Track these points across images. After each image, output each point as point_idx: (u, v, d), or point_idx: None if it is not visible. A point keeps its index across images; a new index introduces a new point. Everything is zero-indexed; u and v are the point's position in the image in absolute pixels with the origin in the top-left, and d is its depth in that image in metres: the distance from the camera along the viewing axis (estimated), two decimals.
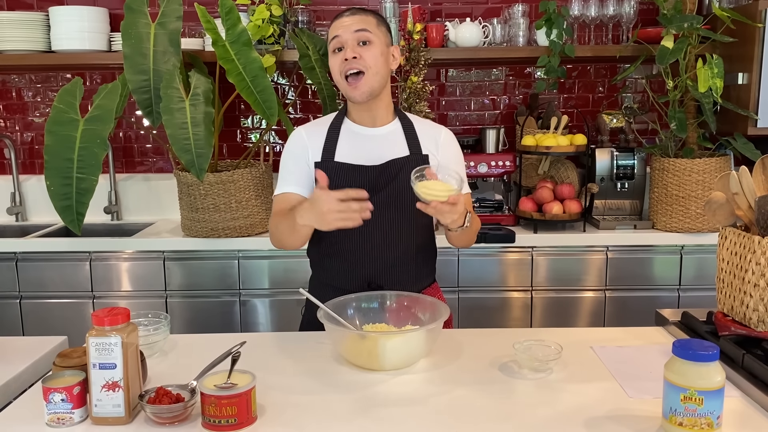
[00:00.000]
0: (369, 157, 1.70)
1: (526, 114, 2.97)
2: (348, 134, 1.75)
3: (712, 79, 2.43)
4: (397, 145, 1.73)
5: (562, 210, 2.69)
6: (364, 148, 1.72)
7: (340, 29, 1.66)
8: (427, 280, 1.79)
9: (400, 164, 1.69)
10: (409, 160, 1.70)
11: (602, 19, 2.86)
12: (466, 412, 1.20)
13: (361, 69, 1.64)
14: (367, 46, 1.65)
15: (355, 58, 1.63)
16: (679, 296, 2.68)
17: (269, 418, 1.19)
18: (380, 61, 1.66)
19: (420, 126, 1.78)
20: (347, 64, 1.64)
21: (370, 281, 1.69)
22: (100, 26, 2.85)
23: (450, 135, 1.80)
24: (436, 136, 1.77)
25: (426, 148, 1.74)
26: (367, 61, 1.64)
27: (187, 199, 2.64)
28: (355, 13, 1.68)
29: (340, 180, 1.68)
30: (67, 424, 1.17)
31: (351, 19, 1.66)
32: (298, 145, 1.76)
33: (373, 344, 1.36)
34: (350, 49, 1.64)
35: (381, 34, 1.68)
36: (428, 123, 1.81)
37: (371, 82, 1.65)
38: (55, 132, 2.38)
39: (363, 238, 1.67)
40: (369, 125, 1.74)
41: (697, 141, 2.67)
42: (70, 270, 2.67)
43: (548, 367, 1.37)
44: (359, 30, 1.64)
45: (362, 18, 1.67)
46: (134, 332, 1.20)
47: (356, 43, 1.64)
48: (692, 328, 1.54)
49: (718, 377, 1.06)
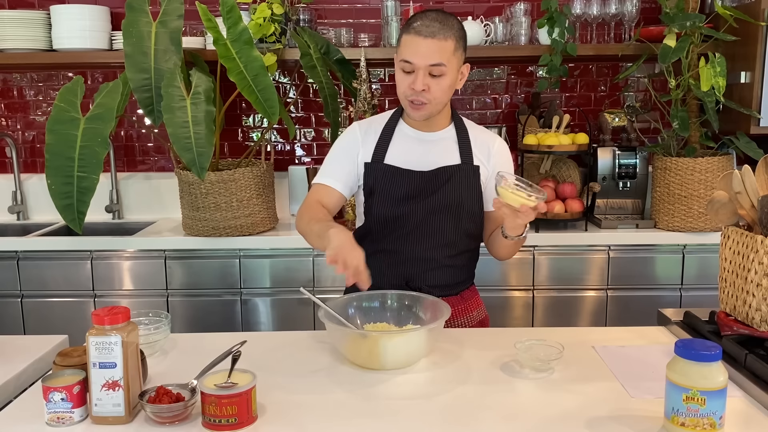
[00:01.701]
0: (420, 162, 1.69)
1: (527, 113, 2.97)
2: (401, 137, 1.73)
3: (714, 77, 2.42)
4: (449, 152, 1.71)
5: (564, 209, 2.68)
6: (416, 153, 1.71)
7: (416, 56, 1.56)
8: (466, 283, 1.79)
9: (450, 172, 1.68)
10: (460, 169, 1.69)
11: (604, 18, 2.85)
12: (468, 412, 1.20)
13: (427, 102, 1.60)
14: (439, 79, 1.58)
15: (424, 91, 1.58)
16: (681, 296, 2.67)
17: (270, 417, 1.18)
18: (447, 93, 1.62)
19: (474, 133, 1.75)
20: (414, 93, 1.59)
21: (408, 280, 1.69)
22: (101, 25, 2.84)
23: (503, 145, 1.77)
24: (489, 144, 1.74)
25: (477, 157, 1.72)
26: (435, 95, 1.59)
27: (188, 198, 2.64)
28: (434, 33, 1.55)
29: (388, 182, 1.68)
30: (67, 423, 1.16)
31: (428, 46, 1.55)
32: (351, 141, 1.75)
33: (374, 343, 1.36)
34: (420, 81, 1.57)
35: (456, 60, 1.60)
36: (483, 130, 1.78)
37: (431, 111, 1.64)
38: (57, 131, 2.37)
39: (408, 240, 1.68)
40: (424, 129, 1.72)
41: (699, 140, 2.66)
42: (72, 269, 2.66)
43: (550, 366, 1.37)
44: (435, 64, 1.55)
45: (441, 45, 1.55)
46: (134, 331, 1.20)
47: (428, 73, 1.57)
48: (694, 327, 1.53)
49: (720, 377, 1.06)
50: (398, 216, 1.68)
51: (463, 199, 1.68)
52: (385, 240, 1.70)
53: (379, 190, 1.69)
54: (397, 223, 1.68)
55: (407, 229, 1.68)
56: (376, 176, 1.69)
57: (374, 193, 1.70)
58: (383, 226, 1.70)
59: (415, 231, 1.68)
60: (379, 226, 1.71)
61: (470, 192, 1.69)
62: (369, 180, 1.70)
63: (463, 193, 1.68)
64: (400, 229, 1.68)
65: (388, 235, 1.70)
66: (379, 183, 1.69)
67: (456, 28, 1.59)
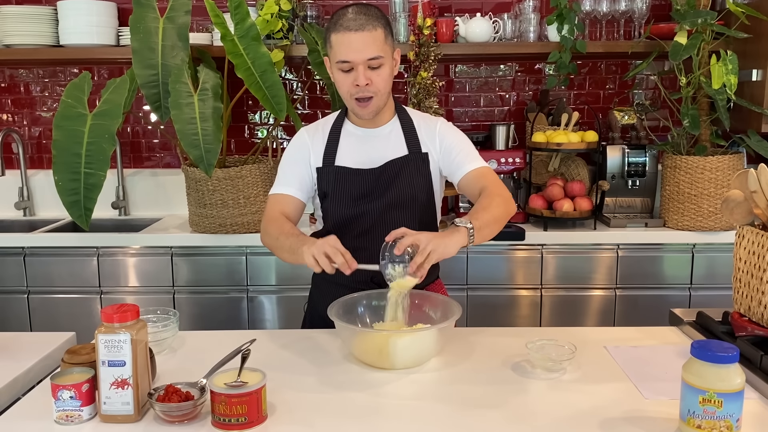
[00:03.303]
0: (369, 160, 1.69)
1: (536, 110, 2.95)
2: (348, 137, 1.73)
3: (726, 75, 2.40)
4: (396, 145, 1.71)
5: (573, 207, 2.66)
6: (364, 151, 1.70)
7: (351, 52, 1.56)
8: (430, 277, 1.76)
9: (399, 165, 1.68)
10: (409, 159, 1.69)
11: (614, 15, 2.83)
12: (479, 412, 1.18)
13: (372, 95, 1.61)
14: (378, 70, 1.59)
15: (367, 85, 1.58)
16: (690, 295, 2.65)
17: (280, 416, 1.17)
18: (389, 82, 1.63)
19: (419, 121, 1.75)
20: (358, 89, 1.59)
21: (373, 277, 1.64)
22: (108, 20, 2.83)
23: (446, 124, 1.77)
24: (432, 127, 1.74)
25: (425, 143, 1.72)
26: (378, 86, 1.60)
27: (194, 195, 2.63)
28: (363, 26, 1.55)
29: (340, 184, 1.68)
30: (76, 421, 1.16)
31: (361, 40, 1.55)
32: (301, 147, 1.76)
33: (384, 343, 1.35)
34: (362, 76, 1.57)
35: (389, 48, 1.61)
36: (426, 116, 1.78)
37: (380, 103, 1.64)
38: (63, 127, 2.37)
39: (367, 238, 1.66)
40: (369, 126, 1.72)
41: (709, 138, 2.64)
42: (78, 265, 2.66)
43: (562, 367, 1.35)
44: (372, 57, 1.56)
45: (373, 36, 1.56)
46: (143, 329, 1.19)
47: (367, 66, 1.58)
48: (708, 328, 1.52)
49: (737, 379, 1.04)
50: (354, 216, 1.68)
51: (415, 190, 1.68)
52: (344, 239, 1.63)
53: (332, 193, 1.70)
54: (355, 222, 1.68)
55: (365, 227, 1.67)
56: (329, 179, 1.70)
57: (328, 196, 1.70)
58: (341, 227, 1.68)
59: (372, 229, 1.66)
60: (337, 228, 1.68)
61: (421, 180, 1.69)
62: (322, 184, 1.71)
63: (414, 183, 1.68)
64: (358, 228, 1.68)
65: (347, 235, 1.65)
66: (332, 186, 1.70)
67: (380, 16, 1.60)
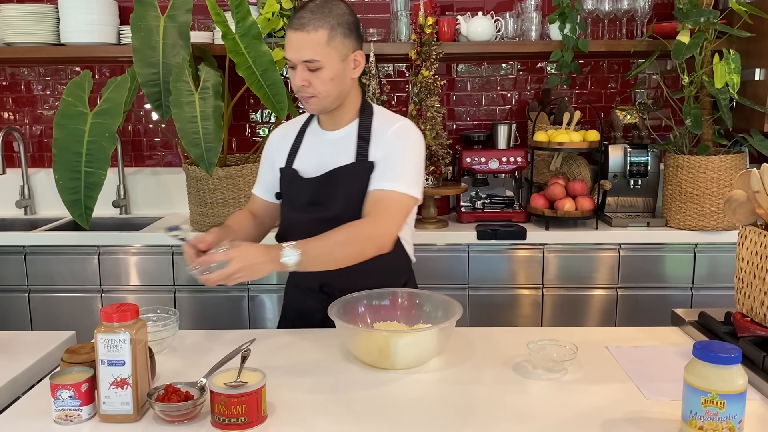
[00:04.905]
0: (321, 164, 1.62)
1: (538, 109, 2.94)
2: (311, 138, 1.70)
3: (729, 74, 2.39)
4: (347, 151, 1.61)
5: (574, 207, 2.66)
6: (318, 154, 1.65)
7: (290, 52, 1.52)
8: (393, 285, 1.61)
9: (342, 174, 1.59)
10: (353, 168, 1.58)
11: (616, 14, 2.82)
12: (480, 413, 1.18)
13: (311, 95, 1.55)
14: (317, 72, 1.52)
15: (305, 86, 1.53)
16: (692, 295, 2.64)
17: (279, 416, 1.17)
18: (331, 85, 1.54)
19: (379, 124, 1.62)
20: (298, 88, 1.55)
21: (322, 285, 1.64)
22: (109, 19, 2.83)
23: (399, 130, 1.60)
24: (385, 132, 1.60)
25: (374, 151, 1.59)
26: (317, 89, 1.53)
27: (195, 194, 2.63)
28: (304, 26, 1.49)
29: (291, 189, 1.67)
30: (75, 421, 1.15)
31: (298, 40, 1.50)
32: (268, 148, 1.77)
33: (384, 342, 1.34)
34: (299, 77, 1.52)
35: (333, 52, 1.51)
36: (389, 119, 1.64)
37: (323, 104, 1.57)
38: (64, 125, 2.36)
39: None
40: (329, 128, 1.67)
41: (712, 138, 2.63)
42: (79, 264, 2.66)
43: (563, 367, 1.35)
44: (307, 60, 1.50)
45: (310, 38, 1.49)
46: (143, 329, 1.19)
47: (306, 68, 1.52)
48: (710, 328, 1.51)
49: (740, 380, 1.03)
50: (298, 224, 1.63)
51: (355, 204, 1.56)
52: None
53: (284, 197, 1.69)
54: (299, 230, 1.61)
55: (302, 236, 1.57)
56: (283, 182, 1.69)
57: (282, 199, 1.70)
58: (289, 232, 1.64)
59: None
60: (287, 232, 1.67)
61: (361, 193, 1.57)
62: (281, 185, 1.70)
63: (353, 195, 1.57)
64: (302, 236, 1.56)
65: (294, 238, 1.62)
66: (285, 189, 1.69)
67: (333, 15, 1.51)
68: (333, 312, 1.40)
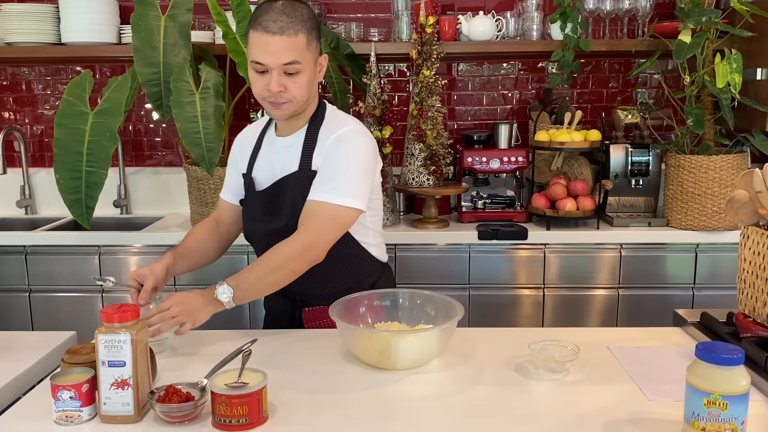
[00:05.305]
0: (273, 173, 1.61)
1: (539, 109, 2.93)
2: (267, 143, 1.68)
3: (730, 74, 2.38)
4: (293, 159, 1.57)
5: (576, 207, 2.65)
6: (270, 162, 1.63)
7: (266, 56, 1.45)
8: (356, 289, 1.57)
9: (286, 183, 1.56)
10: (297, 177, 1.55)
11: (617, 13, 2.81)
12: (481, 413, 1.18)
13: (286, 101, 1.50)
14: (295, 77, 1.48)
15: (281, 91, 1.48)
16: (693, 295, 2.64)
17: (281, 417, 1.17)
18: (306, 90, 1.50)
19: (325, 129, 1.57)
20: (270, 94, 1.49)
21: (285, 291, 1.60)
22: (110, 18, 2.83)
23: (341, 137, 1.54)
24: (328, 138, 1.55)
25: (317, 159, 1.55)
26: (293, 93, 1.49)
27: (196, 193, 2.63)
28: (283, 29, 1.44)
29: (248, 200, 1.67)
30: (76, 421, 1.15)
31: (278, 44, 1.44)
32: (233, 151, 1.76)
33: (385, 343, 1.34)
34: (275, 81, 1.46)
35: (310, 55, 1.49)
36: (335, 123, 1.59)
37: (294, 109, 1.53)
38: (65, 125, 2.36)
39: None
40: (283, 134, 1.63)
41: (713, 137, 2.63)
42: (79, 264, 2.65)
43: (565, 368, 1.34)
44: (288, 63, 1.45)
45: (292, 41, 1.44)
46: (144, 329, 1.19)
47: (282, 72, 1.47)
48: (712, 329, 1.50)
49: (743, 381, 1.03)
50: (257, 235, 1.65)
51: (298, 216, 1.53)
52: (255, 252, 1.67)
53: (244, 207, 1.70)
54: (257, 242, 1.66)
55: (261, 246, 1.59)
56: (243, 189, 1.69)
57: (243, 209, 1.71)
58: (251, 244, 1.70)
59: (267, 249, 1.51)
60: (250, 243, 1.71)
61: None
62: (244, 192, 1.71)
63: (298, 204, 1.54)
64: (262, 247, 1.58)
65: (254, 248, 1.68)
66: (245, 198, 1.69)
67: (306, 18, 1.48)
68: (334, 312, 1.40)
